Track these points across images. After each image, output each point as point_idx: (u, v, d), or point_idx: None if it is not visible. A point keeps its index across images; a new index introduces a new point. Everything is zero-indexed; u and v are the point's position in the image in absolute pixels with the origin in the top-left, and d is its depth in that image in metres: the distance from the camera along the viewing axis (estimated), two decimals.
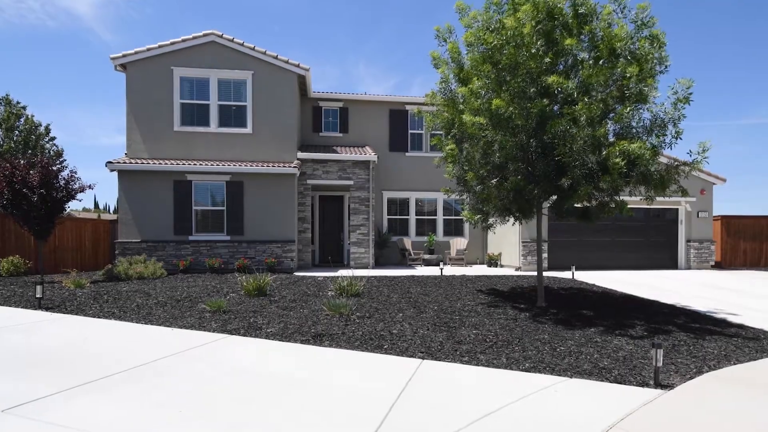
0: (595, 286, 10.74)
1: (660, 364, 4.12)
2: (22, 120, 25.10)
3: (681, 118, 6.39)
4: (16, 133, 24.81)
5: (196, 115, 13.79)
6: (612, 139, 6.73)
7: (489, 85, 6.78)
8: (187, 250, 13.16)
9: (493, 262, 16.04)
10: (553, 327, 6.38)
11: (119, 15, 65.62)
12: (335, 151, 15.04)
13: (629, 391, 4.00)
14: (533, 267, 13.99)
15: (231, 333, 5.88)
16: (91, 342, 5.52)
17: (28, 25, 50.13)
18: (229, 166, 13.31)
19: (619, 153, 6.10)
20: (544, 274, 8.61)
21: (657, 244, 15.92)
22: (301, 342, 5.51)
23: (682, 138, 6.45)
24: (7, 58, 51.41)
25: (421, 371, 4.49)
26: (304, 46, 71.56)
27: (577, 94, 6.39)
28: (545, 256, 14.07)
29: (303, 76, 14.27)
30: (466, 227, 17.04)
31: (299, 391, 3.93)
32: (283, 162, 13.85)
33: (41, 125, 25.83)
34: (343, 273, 10.77)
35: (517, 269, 14.47)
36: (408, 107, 16.71)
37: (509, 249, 15.41)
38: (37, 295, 7.45)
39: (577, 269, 13.10)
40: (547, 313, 7.35)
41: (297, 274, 12.64)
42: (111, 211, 36.89)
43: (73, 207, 15.72)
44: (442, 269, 13.07)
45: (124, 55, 13.22)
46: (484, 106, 6.68)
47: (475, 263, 16.86)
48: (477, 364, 4.72)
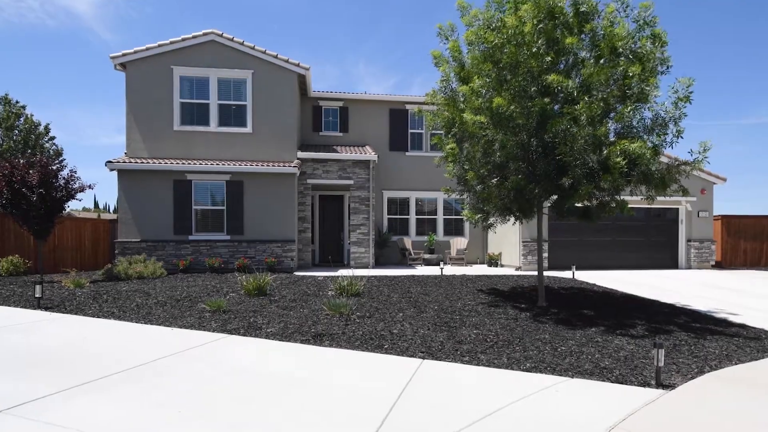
0: (595, 285, 10.73)
1: (662, 364, 4.11)
2: (21, 119, 25.08)
3: (682, 117, 6.38)
4: (16, 132, 24.80)
5: (195, 114, 13.77)
6: (613, 139, 6.71)
7: (490, 83, 6.77)
8: (186, 250, 13.14)
9: (493, 261, 16.03)
10: (554, 327, 6.37)
11: (119, 14, 65.63)
12: (335, 151, 15.02)
13: (631, 391, 3.98)
14: (533, 267, 13.97)
15: (231, 333, 5.86)
16: (90, 342, 5.51)
17: (27, 24, 50.13)
18: (229, 165, 13.29)
19: (620, 152, 6.08)
20: (545, 273, 8.58)
21: (657, 244, 15.90)
22: (301, 342, 5.49)
23: (683, 137, 6.45)
24: (7, 57, 51.39)
25: (422, 371, 4.47)
26: (304, 46, 71.56)
27: (578, 93, 6.38)
28: (545, 255, 14.05)
29: (303, 76, 14.25)
30: (467, 227, 17.03)
31: (299, 391, 3.91)
32: (283, 161, 13.83)
33: (40, 125, 25.82)
34: (343, 273, 10.76)
35: (518, 269, 14.46)
36: (408, 107, 16.69)
37: (509, 249, 15.39)
38: (36, 295, 7.43)
39: (577, 269, 13.09)
40: (548, 313, 7.34)
41: (297, 273, 12.62)
42: (111, 210, 36.85)
43: (72, 207, 15.70)
44: (442, 269, 13.06)
45: (124, 54, 13.20)
46: (485, 105, 6.66)
47: (476, 263, 16.84)
48: (478, 364, 4.70)
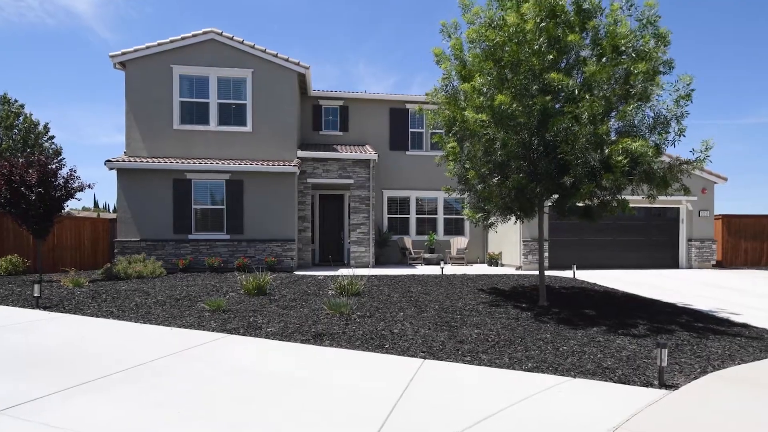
0: (596, 285, 10.70)
1: (665, 364, 4.07)
2: (21, 118, 25.04)
3: (684, 115, 6.35)
4: (15, 131, 24.76)
5: (195, 113, 13.73)
6: (614, 138, 6.68)
7: (491, 82, 6.73)
8: (186, 249, 13.10)
9: (493, 261, 16.00)
10: (556, 326, 6.34)
11: (119, 14, 65.62)
12: (335, 150, 14.98)
13: (633, 392, 3.95)
14: (534, 266, 13.94)
15: (230, 332, 5.83)
16: (88, 341, 5.47)
17: (27, 23, 50.14)
18: (228, 164, 13.24)
19: (621, 151, 6.05)
20: (545, 273, 8.55)
21: (658, 244, 15.87)
22: (302, 341, 5.46)
23: (685, 135, 6.41)
24: (6, 56, 51.34)
25: (423, 371, 4.44)
26: (304, 46, 71.59)
27: (579, 91, 6.35)
28: (546, 255, 14.02)
29: (303, 75, 14.20)
30: (467, 226, 17.00)
31: (299, 391, 3.88)
32: (283, 160, 13.79)
33: (39, 124, 25.77)
34: (343, 272, 10.73)
35: (518, 268, 14.42)
36: (408, 106, 16.65)
37: (510, 248, 15.36)
38: (35, 294, 7.40)
39: (577, 268, 13.06)
40: (549, 313, 7.31)
41: (297, 273, 12.59)
42: (111, 210, 36.83)
43: (72, 206, 15.66)
44: (442, 268, 13.02)
45: (124, 53, 13.15)
46: (486, 103, 6.63)
47: (476, 262, 16.81)
48: (479, 364, 4.67)
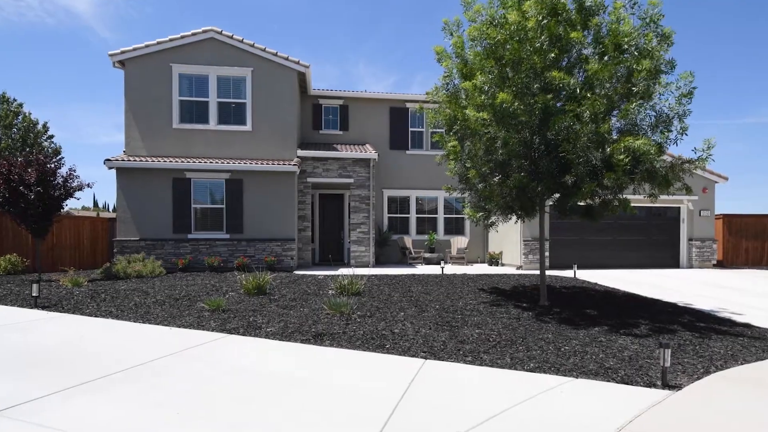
0: (597, 284, 10.67)
1: (668, 365, 4.04)
2: (20, 118, 24.99)
3: (687, 113, 6.32)
4: (14, 130, 24.70)
5: (195, 112, 13.68)
6: (616, 136, 6.65)
7: (492, 80, 6.69)
8: (186, 249, 13.07)
9: (494, 260, 15.97)
10: (557, 326, 6.31)
11: (118, 13, 65.49)
12: (335, 149, 14.94)
13: (637, 392, 3.92)
14: (534, 266, 13.92)
15: (230, 332, 5.80)
16: (87, 341, 5.44)
17: (26, 22, 49.98)
18: (228, 163, 13.21)
19: (623, 149, 6.02)
20: (546, 272, 8.53)
21: (659, 243, 15.84)
22: (302, 341, 5.42)
23: (687, 134, 6.39)
24: (6, 56, 51.24)
25: (424, 371, 4.41)
26: (304, 46, 71.45)
27: (580, 90, 6.31)
28: (547, 254, 13.98)
29: (303, 73, 14.17)
30: (467, 226, 16.97)
31: (299, 391, 3.85)
32: (283, 160, 13.75)
33: (38, 123, 25.71)
34: (343, 271, 10.70)
35: (519, 268, 14.40)
36: (408, 105, 16.61)
37: (510, 248, 15.33)
38: (33, 294, 7.36)
39: (578, 268, 13.03)
40: (550, 312, 7.28)
41: (297, 272, 12.56)
42: (110, 209, 36.77)
43: (71, 205, 15.62)
44: (443, 268, 12.99)
45: (123, 52, 13.10)
46: (487, 102, 6.59)
47: (476, 262, 16.78)
48: (481, 364, 4.64)
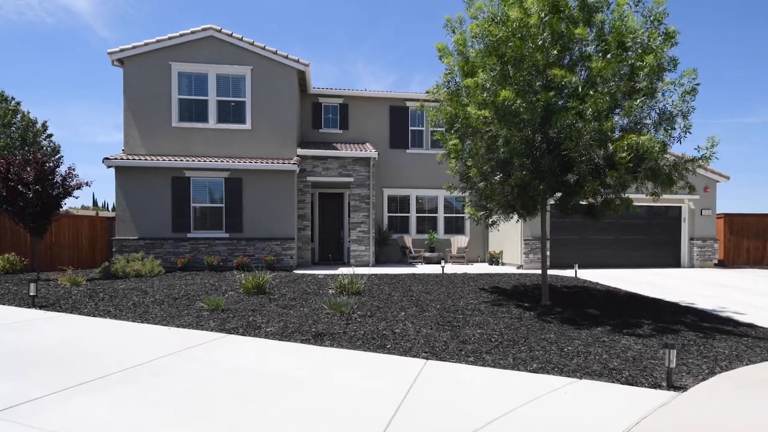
0: (598, 284, 10.62)
1: (673, 365, 3.99)
2: (18, 116, 24.92)
3: (690, 111, 6.25)
4: (13, 129, 24.64)
5: (194, 110, 13.62)
6: (618, 134, 6.59)
7: (494, 77, 6.63)
8: (185, 248, 13.01)
9: (494, 260, 15.91)
10: (559, 326, 6.25)
11: (117, 12, 65.44)
12: (335, 148, 14.87)
13: (642, 393, 3.86)
14: (535, 265, 13.87)
15: (229, 332, 5.74)
16: (86, 341, 5.38)
17: (26, 21, 49.95)
18: (227, 162, 13.14)
19: (626, 147, 5.97)
20: (547, 272, 8.48)
21: (660, 242, 15.79)
22: (302, 341, 5.36)
23: (691, 132, 6.32)
24: (5, 54, 51.16)
25: (426, 372, 4.35)
26: (303, 45, 71.48)
27: (583, 87, 6.25)
28: (548, 254, 13.92)
29: (302, 72, 14.10)
30: (467, 225, 16.91)
31: (299, 391, 3.79)
32: (283, 158, 13.69)
33: (37, 122, 25.65)
34: (343, 271, 10.64)
35: (519, 267, 14.34)
36: (408, 103, 16.56)
37: (511, 247, 15.28)
38: (31, 293, 7.29)
39: (579, 267, 12.97)
40: (552, 312, 7.23)
41: (297, 272, 12.50)
42: (109, 208, 36.70)
43: (70, 204, 15.58)
44: (443, 267, 12.93)
45: (122, 50, 13.04)
46: (489, 99, 6.53)
47: (477, 261, 16.73)
48: (483, 365, 4.58)
